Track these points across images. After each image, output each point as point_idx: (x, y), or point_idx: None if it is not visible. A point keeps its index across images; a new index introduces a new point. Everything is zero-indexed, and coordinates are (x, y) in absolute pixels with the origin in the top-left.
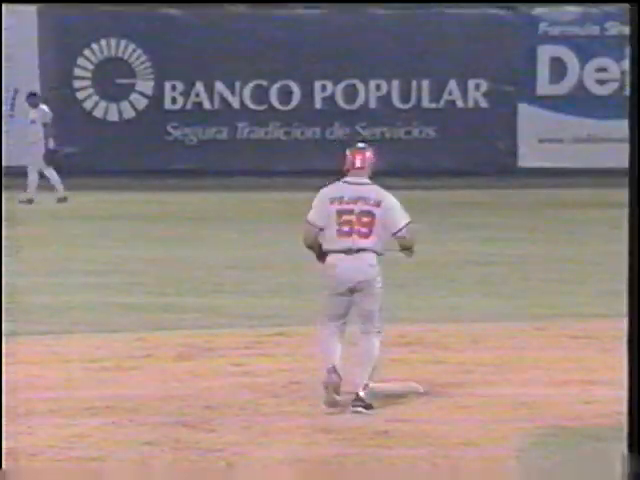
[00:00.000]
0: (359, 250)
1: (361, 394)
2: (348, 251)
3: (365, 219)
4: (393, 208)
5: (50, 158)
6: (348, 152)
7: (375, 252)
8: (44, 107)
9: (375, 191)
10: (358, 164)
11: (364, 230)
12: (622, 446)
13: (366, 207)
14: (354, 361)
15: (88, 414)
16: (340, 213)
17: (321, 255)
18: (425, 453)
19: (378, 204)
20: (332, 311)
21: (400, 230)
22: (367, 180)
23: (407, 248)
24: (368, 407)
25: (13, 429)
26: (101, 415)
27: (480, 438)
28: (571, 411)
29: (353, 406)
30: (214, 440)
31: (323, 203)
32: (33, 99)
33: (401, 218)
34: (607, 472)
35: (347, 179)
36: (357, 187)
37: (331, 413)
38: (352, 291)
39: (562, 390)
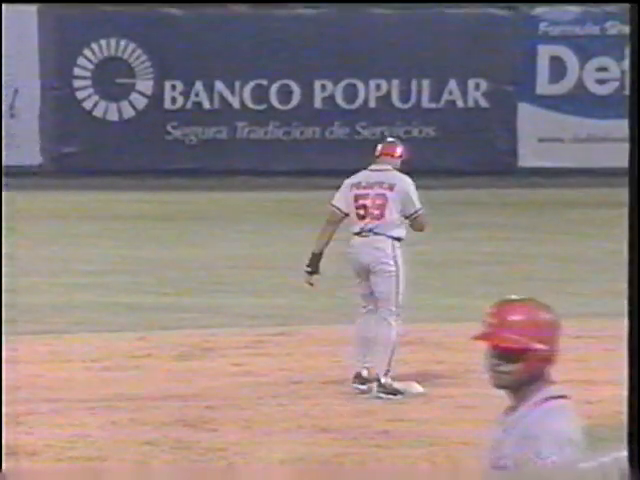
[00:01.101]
0: (371, 232)
1: (383, 380)
2: (361, 233)
3: (378, 201)
4: (406, 192)
5: None
6: (379, 145)
7: (387, 235)
8: None
9: (391, 176)
10: (384, 151)
11: (377, 212)
12: (622, 446)
13: (380, 190)
14: (373, 350)
15: (88, 414)
16: (357, 197)
17: (316, 254)
18: (425, 453)
19: (391, 187)
20: (359, 290)
21: (412, 215)
22: (389, 167)
23: (419, 229)
24: (392, 393)
25: (13, 429)
26: (101, 415)
27: (480, 438)
28: None
29: (377, 392)
30: (215, 440)
31: (346, 189)
32: None
33: (411, 205)
34: (607, 472)
35: (371, 167)
36: (376, 173)
37: (331, 413)
38: (366, 272)
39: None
